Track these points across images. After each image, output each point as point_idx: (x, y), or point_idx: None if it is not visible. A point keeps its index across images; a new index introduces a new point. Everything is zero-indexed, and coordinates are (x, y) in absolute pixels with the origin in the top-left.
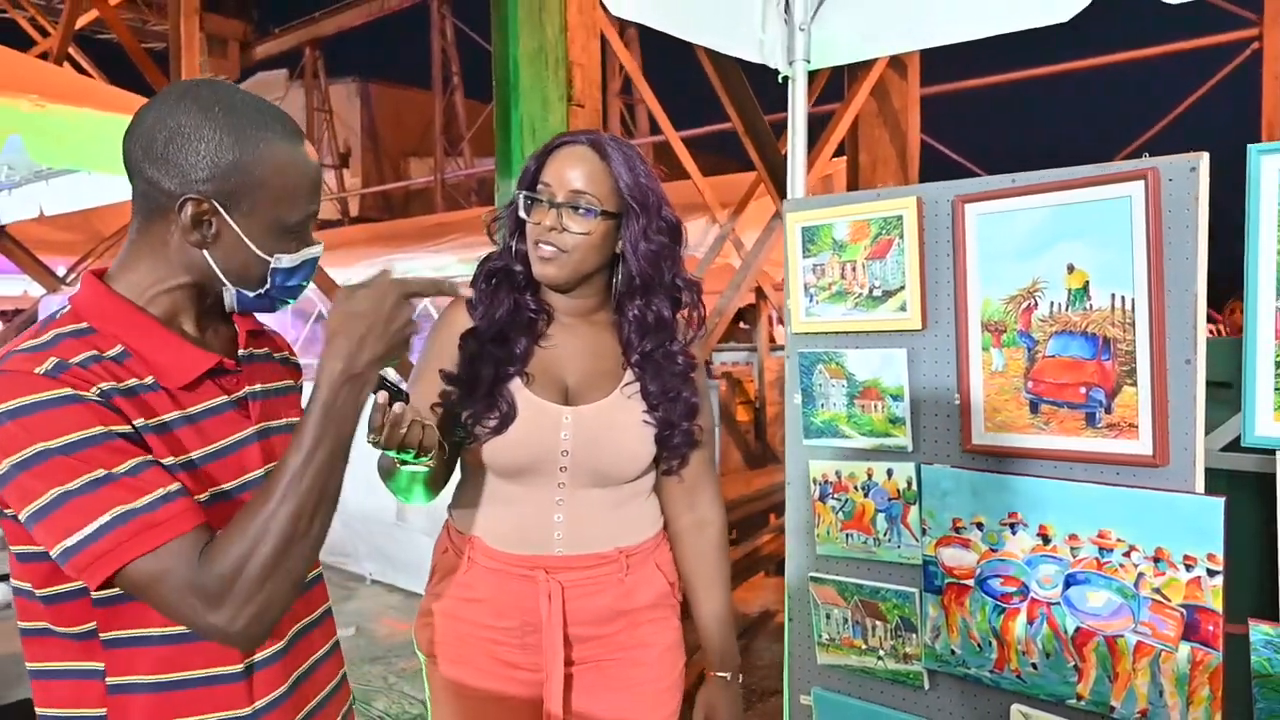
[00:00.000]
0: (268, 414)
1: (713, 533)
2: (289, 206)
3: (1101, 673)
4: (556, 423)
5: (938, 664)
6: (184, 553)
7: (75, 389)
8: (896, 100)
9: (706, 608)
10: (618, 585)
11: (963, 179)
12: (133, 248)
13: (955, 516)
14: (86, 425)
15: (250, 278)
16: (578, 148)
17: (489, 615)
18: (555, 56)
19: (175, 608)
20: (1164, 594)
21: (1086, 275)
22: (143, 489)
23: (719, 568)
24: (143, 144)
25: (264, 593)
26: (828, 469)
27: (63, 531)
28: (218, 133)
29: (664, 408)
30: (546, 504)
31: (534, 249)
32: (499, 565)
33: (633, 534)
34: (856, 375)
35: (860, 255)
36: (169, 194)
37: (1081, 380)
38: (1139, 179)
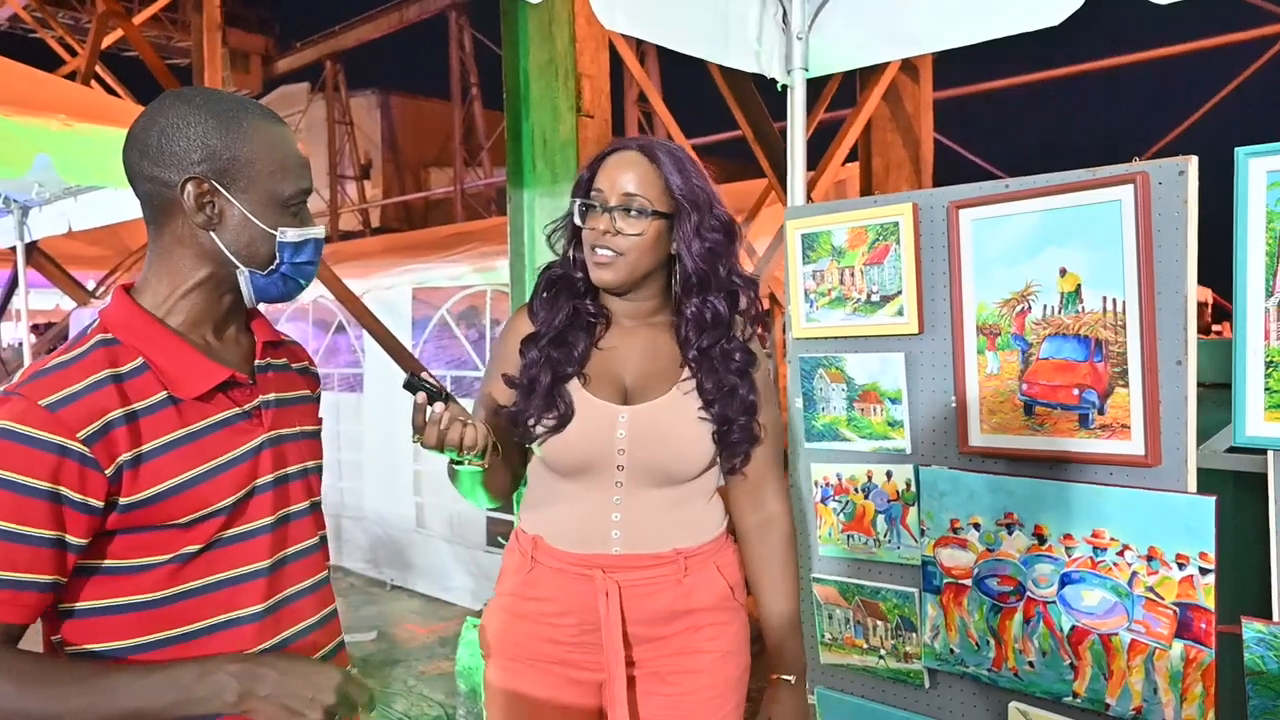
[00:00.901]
0: (280, 422)
1: (779, 533)
2: (281, 180)
3: (1097, 670)
4: (612, 421)
5: (937, 663)
6: None
7: (62, 435)
8: (909, 104)
9: (772, 609)
10: (675, 586)
11: (958, 184)
12: (151, 259)
13: (953, 517)
14: (33, 474)
15: (259, 255)
16: (628, 153)
17: (550, 614)
18: (565, 68)
19: None
20: (1157, 592)
21: (1078, 278)
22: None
23: (786, 570)
24: (139, 147)
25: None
26: (829, 471)
27: None
28: (203, 119)
29: (720, 404)
30: (604, 503)
31: (590, 254)
32: (560, 564)
33: (692, 536)
34: (856, 379)
35: (858, 261)
36: (169, 183)
37: (1075, 382)
38: (1128, 183)
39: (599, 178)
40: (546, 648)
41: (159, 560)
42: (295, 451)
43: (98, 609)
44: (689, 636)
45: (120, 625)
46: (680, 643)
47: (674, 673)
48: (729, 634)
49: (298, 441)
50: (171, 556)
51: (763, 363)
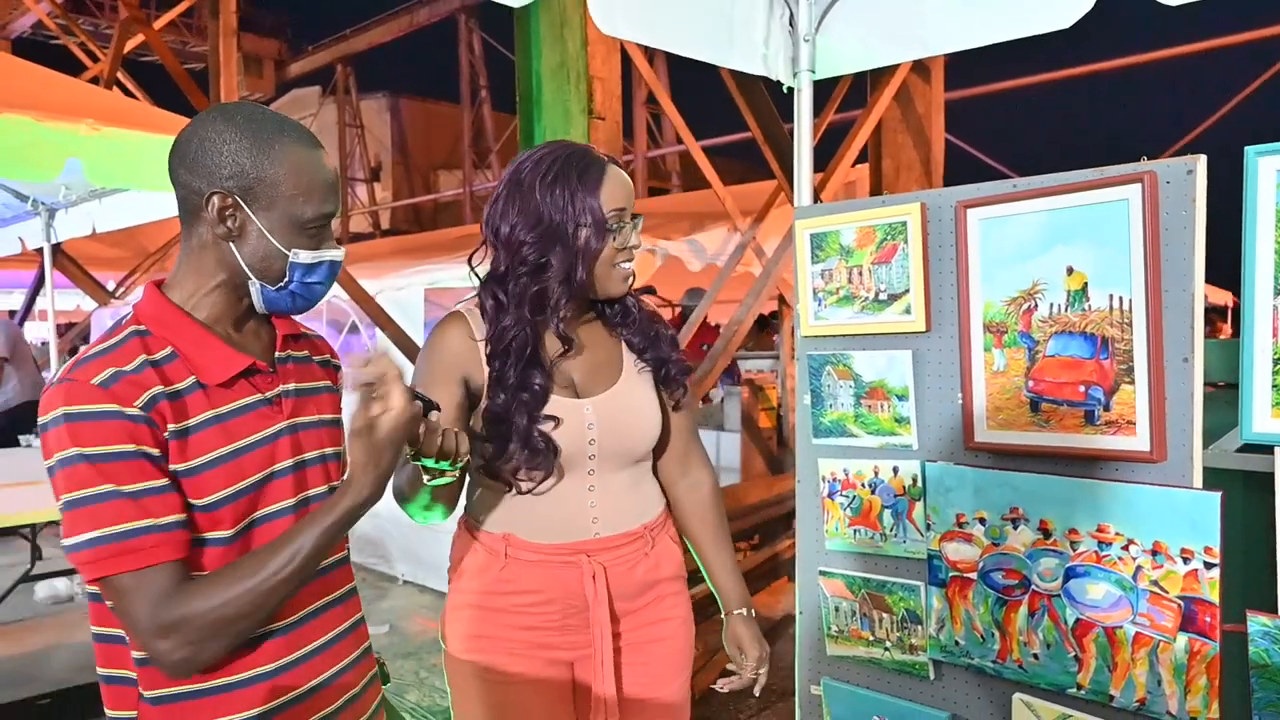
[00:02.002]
0: (299, 411)
1: (706, 490)
2: (304, 203)
3: (1101, 662)
4: (582, 416)
5: (942, 654)
6: (153, 581)
7: (120, 404)
8: (920, 105)
9: (715, 557)
10: (645, 559)
11: (965, 184)
12: (181, 257)
13: (959, 512)
14: (115, 441)
15: (271, 271)
16: (615, 168)
17: (529, 605)
18: (576, 71)
19: (132, 622)
20: (1162, 586)
21: (1085, 277)
22: (135, 514)
23: (719, 520)
24: (179, 154)
25: (213, 642)
26: (836, 467)
27: (72, 529)
28: (239, 137)
29: (651, 349)
30: (581, 493)
31: (616, 271)
32: (541, 557)
33: (651, 509)
34: (863, 376)
35: (866, 260)
36: (198, 192)
37: (1081, 379)
38: (1136, 183)
39: (616, 196)
40: (523, 634)
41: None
42: (314, 439)
43: None
44: (656, 606)
45: None
46: (649, 613)
47: (646, 642)
48: (683, 601)
49: (317, 429)
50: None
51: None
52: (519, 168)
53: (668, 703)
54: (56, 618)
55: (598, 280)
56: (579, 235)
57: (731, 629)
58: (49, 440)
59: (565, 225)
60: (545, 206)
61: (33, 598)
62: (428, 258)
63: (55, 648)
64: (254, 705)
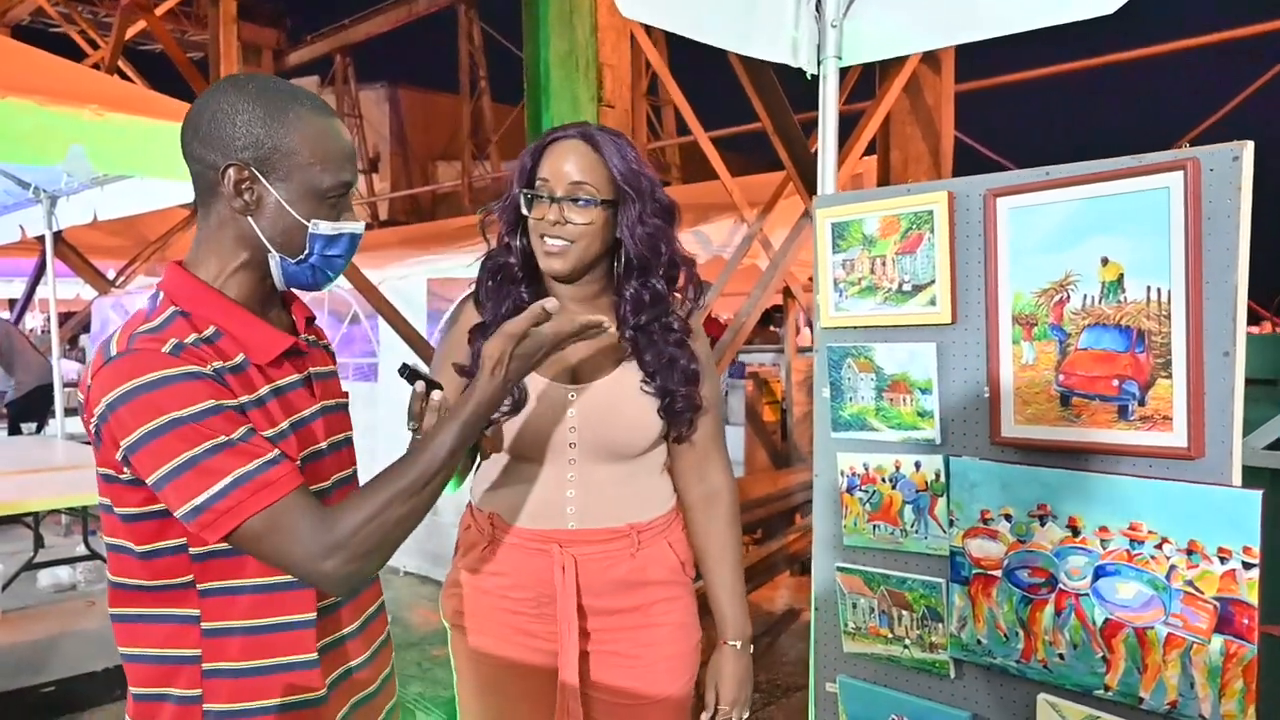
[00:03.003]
0: (326, 394)
1: (723, 504)
2: (321, 172)
3: (1130, 664)
4: (563, 402)
5: (963, 653)
6: (295, 508)
7: (195, 366)
8: (930, 96)
9: (717, 578)
10: (629, 560)
11: (995, 173)
12: (200, 237)
13: (983, 508)
14: (206, 398)
15: (292, 244)
16: (570, 141)
17: (508, 587)
18: (586, 58)
19: (284, 556)
20: (1197, 586)
21: (1121, 268)
22: (254, 454)
23: (730, 539)
24: (191, 127)
25: (376, 553)
26: (855, 461)
27: (191, 492)
28: (252, 107)
29: (661, 375)
30: (559, 480)
31: (539, 243)
32: (517, 540)
33: (644, 510)
34: (885, 369)
35: (890, 250)
36: (213, 166)
37: (1114, 373)
38: (1178, 170)
39: (543, 166)
40: (507, 618)
41: None
42: (338, 422)
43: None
44: (643, 611)
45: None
46: (635, 617)
47: (631, 646)
48: (680, 607)
49: (338, 413)
50: None
51: (701, 336)
52: None
53: (664, 709)
54: (59, 605)
55: (536, 253)
56: (511, 190)
57: (717, 661)
58: (124, 417)
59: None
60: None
61: (35, 586)
62: (430, 247)
63: (59, 636)
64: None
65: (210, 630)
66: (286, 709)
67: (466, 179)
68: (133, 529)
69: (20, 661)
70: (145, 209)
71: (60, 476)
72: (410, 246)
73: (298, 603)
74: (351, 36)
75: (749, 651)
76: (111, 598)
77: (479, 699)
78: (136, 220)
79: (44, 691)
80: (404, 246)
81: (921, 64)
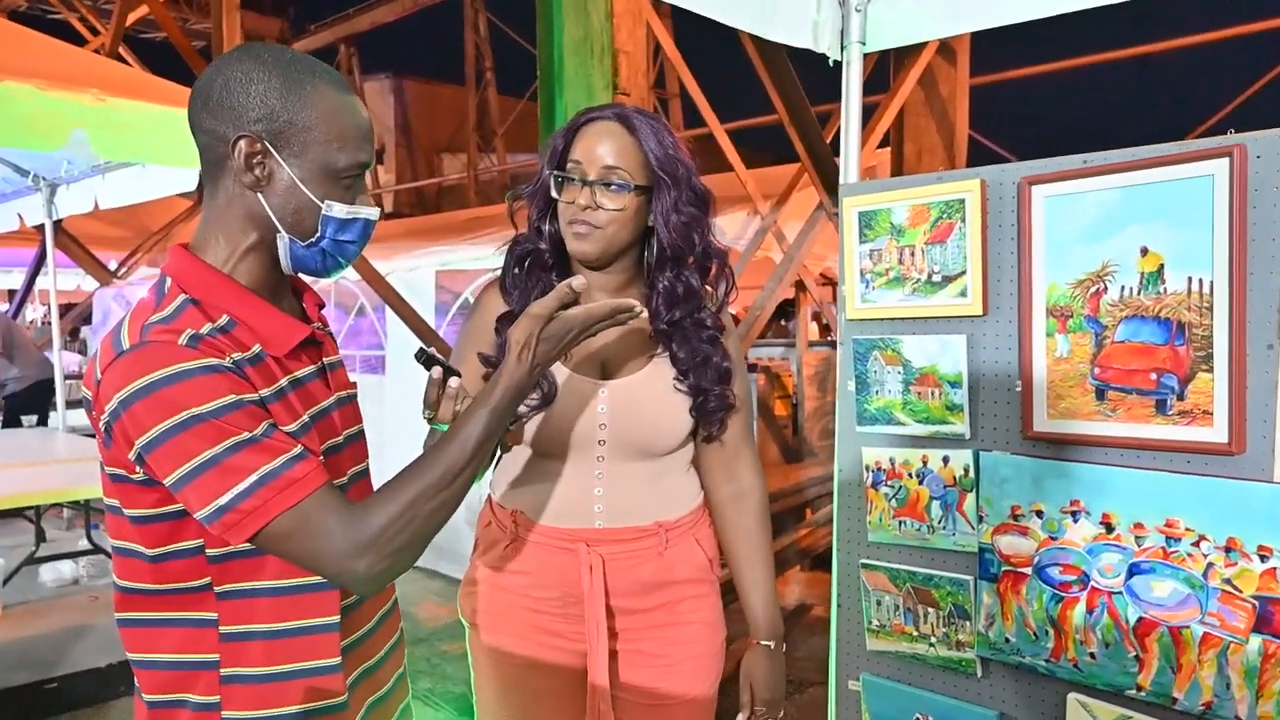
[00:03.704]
0: (339, 384)
1: (753, 503)
2: (337, 150)
3: (1164, 663)
4: (593, 398)
5: (991, 652)
6: (323, 505)
7: (214, 359)
8: (944, 88)
9: (749, 579)
10: (657, 559)
11: (1029, 160)
12: (207, 217)
13: (1014, 504)
14: (226, 392)
15: (303, 225)
16: (605, 123)
17: (532, 586)
18: (601, 45)
19: (312, 555)
20: (1235, 585)
21: (1161, 258)
22: (278, 450)
23: (760, 539)
24: (201, 97)
25: (407, 550)
26: (881, 456)
27: (213, 492)
28: (268, 76)
29: (694, 373)
30: (587, 478)
31: (568, 228)
32: (542, 539)
33: (671, 508)
34: (913, 362)
35: (919, 240)
36: (224, 138)
37: (1153, 366)
38: (1224, 156)
39: (575, 148)
40: (530, 617)
41: None
42: (351, 414)
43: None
44: (670, 610)
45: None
46: (661, 615)
47: (658, 645)
48: (708, 605)
49: (350, 405)
50: None
51: (733, 332)
52: None
53: (691, 709)
54: (62, 600)
55: (564, 237)
56: (542, 173)
57: (751, 661)
58: (139, 414)
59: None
60: (541, 155)
61: (36, 580)
62: (438, 239)
63: (61, 631)
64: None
65: (229, 635)
66: (308, 715)
67: (472, 172)
68: (144, 531)
69: (21, 657)
70: (147, 197)
71: (62, 469)
72: (418, 238)
73: (321, 605)
74: (356, 26)
75: (782, 651)
76: (118, 603)
77: (500, 699)
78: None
79: (46, 688)
80: (411, 238)
81: (937, 55)
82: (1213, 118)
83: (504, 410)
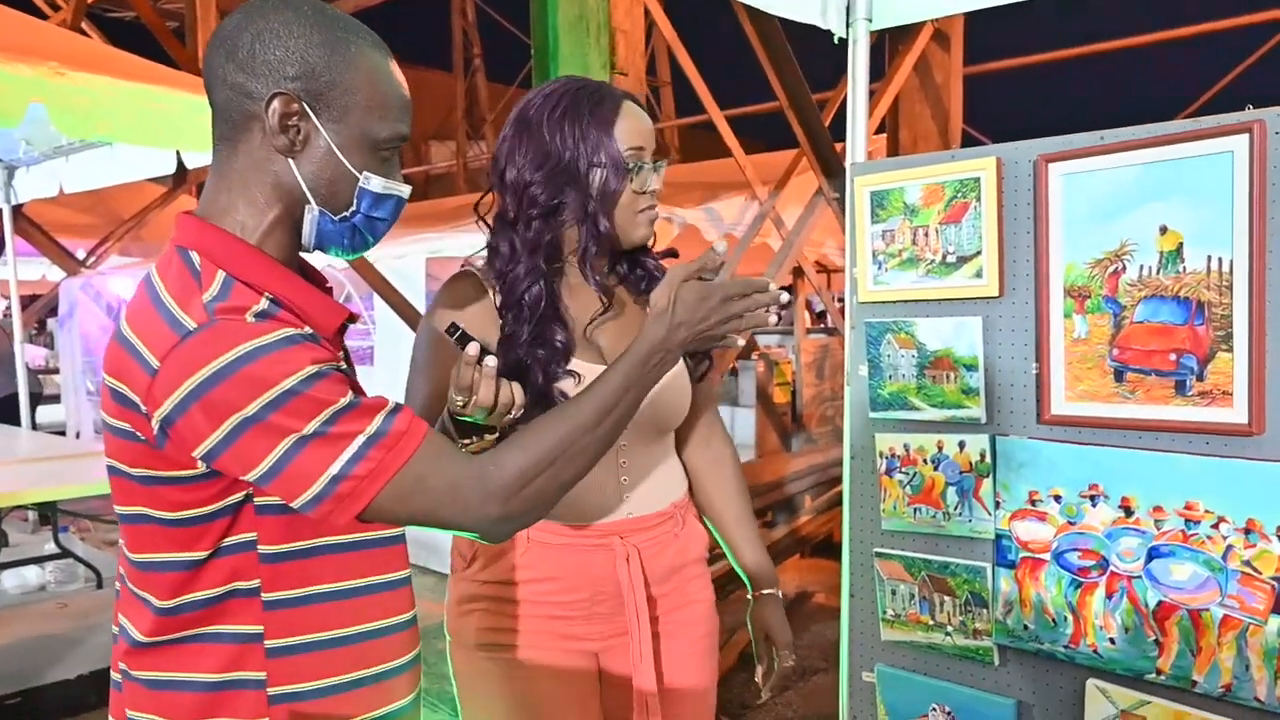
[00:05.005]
0: (352, 371)
1: (731, 466)
2: (380, 119)
3: (1184, 647)
4: None
5: (1009, 639)
6: (438, 452)
7: (285, 329)
8: (938, 74)
9: (740, 535)
10: (675, 540)
11: (1046, 137)
12: (221, 183)
13: (1031, 489)
14: (309, 362)
15: (338, 197)
16: (631, 103)
17: (553, 591)
18: (597, 23)
19: (440, 506)
20: (1255, 566)
21: (1180, 237)
22: (375, 409)
23: (744, 499)
24: (226, 48)
25: (543, 499)
26: (895, 442)
27: (319, 466)
28: (309, 29)
29: None
30: (612, 469)
31: (641, 215)
32: (568, 540)
33: (679, 487)
34: (928, 345)
35: (933, 220)
36: (255, 95)
37: (1172, 347)
38: (1243, 132)
39: (630, 135)
40: (545, 624)
41: None
42: None
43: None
44: (682, 591)
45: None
46: (675, 598)
47: (676, 626)
48: (708, 583)
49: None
50: None
51: None
52: (527, 104)
53: (698, 689)
54: (26, 608)
55: (619, 228)
56: (593, 176)
57: (760, 612)
58: (219, 399)
59: (577, 163)
60: (554, 144)
61: None
62: (427, 227)
63: (25, 641)
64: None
65: (276, 649)
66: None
67: (461, 160)
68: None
69: None
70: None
71: (26, 469)
72: (406, 225)
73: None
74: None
75: (780, 597)
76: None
77: (513, 713)
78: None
79: (8, 704)
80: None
81: (931, 41)
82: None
83: (640, 372)
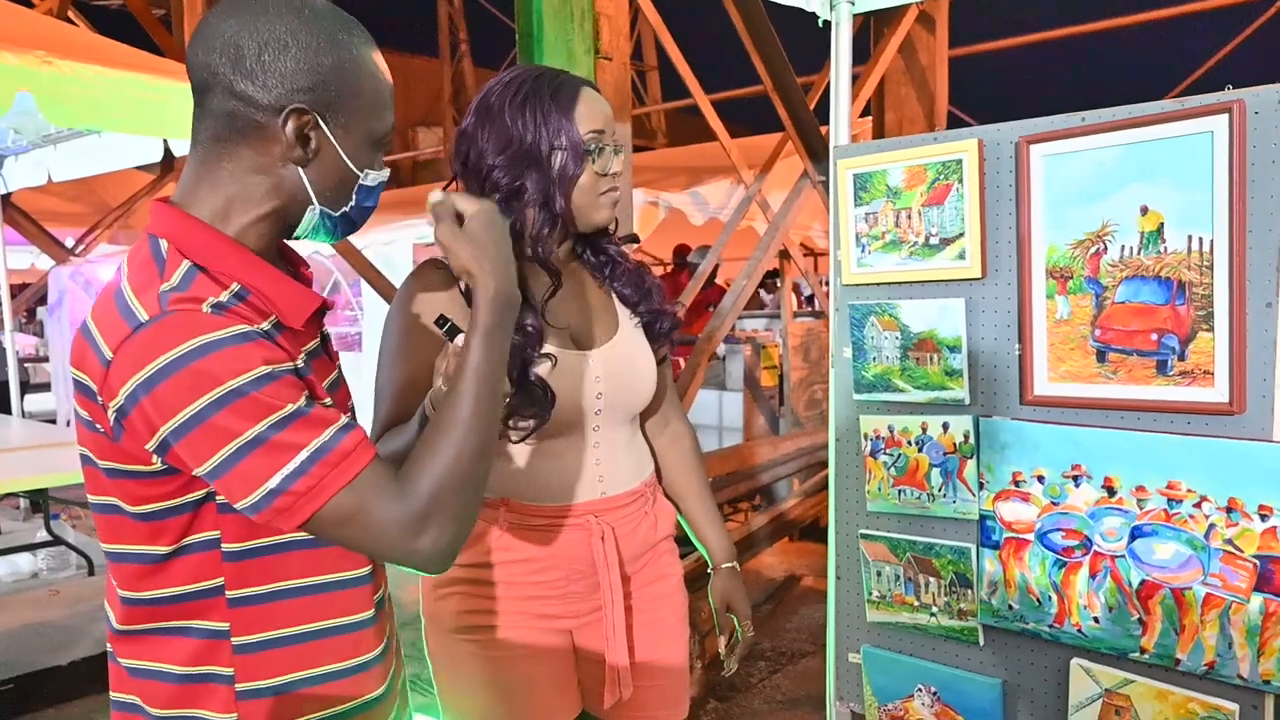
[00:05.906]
0: (335, 358)
1: (688, 443)
2: (378, 116)
3: (1167, 625)
4: (586, 369)
5: (994, 619)
6: (378, 480)
7: (241, 325)
8: (924, 57)
9: (700, 509)
10: (646, 517)
11: (1027, 119)
12: (205, 176)
13: (1015, 470)
14: (261, 362)
15: (339, 196)
16: (589, 89)
17: (529, 571)
18: (581, 8)
19: (376, 538)
20: (1236, 545)
21: (1161, 217)
22: (325, 422)
23: (701, 473)
24: (230, 56)
25: (464, 509)
26: (879, 424)
27: (262, 474)
28: (314, 36)
29: (644, 302)
30: (587, 450)
31: (603, 198)
32: (545, 520)
33: (647, 466)
34: (911, 327)
35: (916, 202)
36: (267, 108)
37: (1153, 327)
38: (1223, 113)
39: (590, 118)
40: (522, 605)
41: None
42: (347, 389)
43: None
44: (654, 566)
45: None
46: (647, 573)
47: (648, 601)
48: (677, 560)
49: (344, 379)
50: None
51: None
52: (488, 92)
53: (672, 665)
54: (19, 596)
55: (578, 210)
56: (554, 159)
57: (721, 584)
58: (168, 392)
59: (538, 147)
60: (515, 128)
61: None
62: (415, 213)
63: (18, 629)
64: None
65: (243, 645)
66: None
67: (448, 145)
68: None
69: None
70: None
71: (18, 457)
72: (393, 211)
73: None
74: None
75: (738, 570)
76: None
77: (491, 695)
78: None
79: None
80: (387, 211)
81: (916, 24)
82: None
83: (493, 330)
